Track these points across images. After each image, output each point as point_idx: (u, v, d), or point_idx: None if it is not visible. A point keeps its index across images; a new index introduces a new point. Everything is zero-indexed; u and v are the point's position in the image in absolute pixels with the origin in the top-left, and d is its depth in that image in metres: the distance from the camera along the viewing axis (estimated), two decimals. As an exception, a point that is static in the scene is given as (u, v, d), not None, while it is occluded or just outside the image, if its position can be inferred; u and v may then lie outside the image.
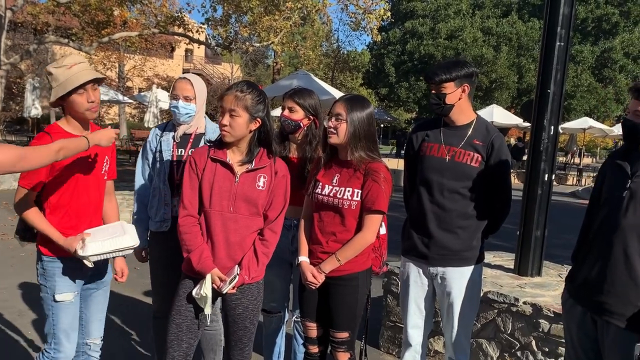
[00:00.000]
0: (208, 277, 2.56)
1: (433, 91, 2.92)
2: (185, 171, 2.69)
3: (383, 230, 2.97)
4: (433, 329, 3.36)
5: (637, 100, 2.38)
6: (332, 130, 2.78)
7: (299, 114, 3.23)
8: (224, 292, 2.59)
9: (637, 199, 2.36)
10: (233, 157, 2.67)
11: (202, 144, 3.21)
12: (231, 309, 2.71)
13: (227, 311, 2.74)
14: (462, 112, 2.96)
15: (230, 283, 2.57)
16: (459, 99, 2.91)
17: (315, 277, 2.79)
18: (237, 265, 2.63)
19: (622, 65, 35.29)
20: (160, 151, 3.27)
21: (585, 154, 38.89)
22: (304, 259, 2.87)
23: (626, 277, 2.39)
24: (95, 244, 2.65)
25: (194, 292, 2.59)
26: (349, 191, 2.77)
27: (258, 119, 2.62)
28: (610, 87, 35.69)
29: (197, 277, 2.62)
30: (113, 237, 2.72)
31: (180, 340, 2.64)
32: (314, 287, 2.83)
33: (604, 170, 2.64)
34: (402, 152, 16.59)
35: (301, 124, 3.23)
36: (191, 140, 3.28)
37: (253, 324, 2.78)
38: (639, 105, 2.38)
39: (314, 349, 2.98)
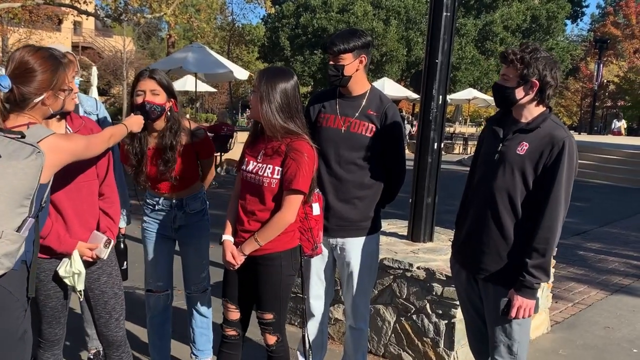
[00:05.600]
0: (75, 254, 2.46)
1: (331, 62, 2.88)
2: None
3: (317, 211, 2.84)
4: (334, 297, 3.40)
5: (503, 64, 2.50)
6: (251, 103, 2.68)
7: (162, 97, 2.99)
8: (104, 257, 2.56)
9: (506, 162, 2.50)
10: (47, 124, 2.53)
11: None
12: (94, 280, 2.64)
13: (89, 285, 2.64)
14: (358, 82, 2.96)
15: (106, 247, 2.55)
16: (357, 70, 2.90)
17: (234, 257, 2.69)
18: (96, 231, 2.58)
19: (502, 38, 37.19)
20: None
21: (470, 123, 40.94)
22: (226, 237, 2.75)
23: (498, 236, 2.53)
24: None
25: (61, 272, 2.47)
26: (269, 168, 2.65)
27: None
28: (492, 59, 37.57)
29: (57, 257, 2.49)
30: None
31: (58, 318, 2.63)
32: (231, 268, 2.74)
33: (483, 135, 2.77)
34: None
35: (165, 108, 3.01)
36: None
37: (121, 290, 2.75)
38: (503, 69, 2.50)
39: (231, 332, 2.86)
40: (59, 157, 2.17)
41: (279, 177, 2.64)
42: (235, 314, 2.85)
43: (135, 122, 2.85)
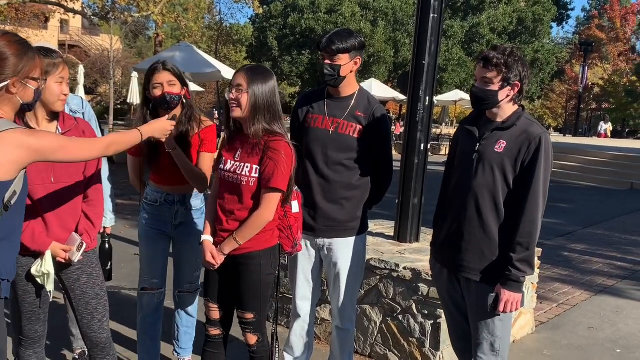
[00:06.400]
0: (47, 254, 2.45)
1: (327, 61, 2.86)
2: None
3: (296, 209, 2.83)
4: (320, 297, 3.41)
5: (484, 68, 2.51)
6: (233, 102, 2.61)
7: (178, 87, 3.07)
8: (76, 260, 2.52)
9: (484, 160, 2.54)
10: (37, 124, 2.50)
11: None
12: (74, 281, 2.63)
13: (69, 285, 2.63)
14: (349, 84, 2.96)
15: (79, 250, 2.51)
16: (350, 72, 2.91)
17: (214, 257, 2.68)
18: (74, 233, 2.55)
19: (488, 40, 37.37)
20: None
21: (457, 125, 41.19)
22: (206, 237, 2.74)
23: (480, 234, 2.56)
24: None
25: (32, 271, 2.46)
26: (247, 167, 2.63)
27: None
28: (478, 61, 37.86)
29: (33, 255, 2.47)
30: None
31: (38, 315, 2.62)
32: (211, 268, 2.73)
33: (457, 136, 2.79)
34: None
35: (181, 96, 3.07)
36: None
37: (104, 291, 2.72)
38: (485, 73, 2.51)
39: (214, 331, 2.85)
40: (19, 153, 1.96)
41: (257, 175, 2.62)
42: (217, 313, 2.84)
43: (159, 129, 2.59)
